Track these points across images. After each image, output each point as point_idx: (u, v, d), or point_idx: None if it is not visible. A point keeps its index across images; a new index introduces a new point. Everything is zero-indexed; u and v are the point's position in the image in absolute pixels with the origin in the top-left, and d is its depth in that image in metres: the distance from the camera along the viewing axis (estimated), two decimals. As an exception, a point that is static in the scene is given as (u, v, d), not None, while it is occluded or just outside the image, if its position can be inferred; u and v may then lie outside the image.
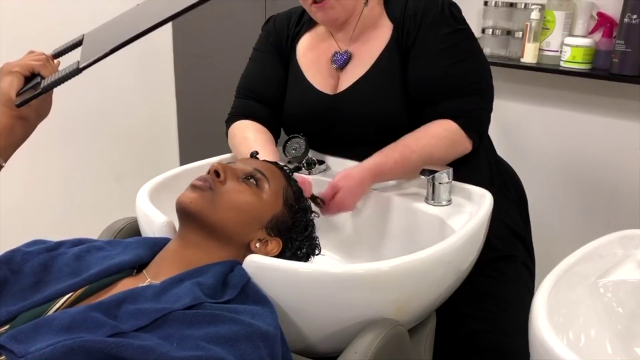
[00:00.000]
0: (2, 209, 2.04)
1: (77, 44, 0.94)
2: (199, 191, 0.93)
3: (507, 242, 1.35)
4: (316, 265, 0.99)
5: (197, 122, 2.74)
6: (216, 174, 0.95)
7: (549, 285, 0.91)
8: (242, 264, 0.93)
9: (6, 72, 0.84)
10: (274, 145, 1.36)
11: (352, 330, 0.93)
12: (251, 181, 0.98)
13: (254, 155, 1.09)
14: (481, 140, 1.28)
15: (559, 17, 1.83)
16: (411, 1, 1.28)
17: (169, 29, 2.67)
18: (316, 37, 1.39)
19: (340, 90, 1.31)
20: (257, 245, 0.95)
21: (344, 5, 1.27)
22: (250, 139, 1.32)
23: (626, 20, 1.68)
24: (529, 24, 1.85)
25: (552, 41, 1.86)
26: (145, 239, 1.01)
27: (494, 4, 1.97)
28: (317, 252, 1.06)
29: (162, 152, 2.81)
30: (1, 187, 1.95)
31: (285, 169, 1.07)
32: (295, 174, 1.10)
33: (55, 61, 0.91)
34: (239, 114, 1.40)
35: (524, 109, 2.05)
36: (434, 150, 1.22)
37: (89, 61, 0.78)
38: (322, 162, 1.36)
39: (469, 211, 1.18)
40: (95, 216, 1.74)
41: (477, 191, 1.22)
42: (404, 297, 0.97)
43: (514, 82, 2.04)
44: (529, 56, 1.88)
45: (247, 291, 0.88)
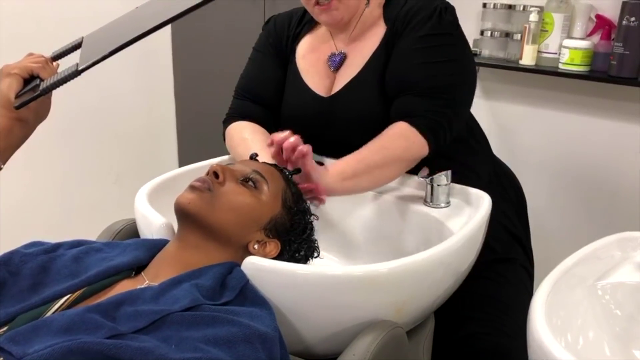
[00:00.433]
0: (1, 210, 2.04)
1: (76, 46, 0.94)
2: (198, 192, 0.93)
3: (505, 244, 1.35)
4: (315, 267, 0.98)
5: (196, 123, 2.74)
6: (215, 175, 0.95)
7: (548, 287, 0.91)
8: (240, 265, 0.93)
9: (5, 74, 0.84)
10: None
11: (350, 332, 0.93)
12: (250, 183, 0.97)
13: (253, 157, 1.09)
14: (438, 145, 1.20)
15: (557, 19, 1.83)
16: (408, 3, 1.27)
17: (168, 30, 2.67)
18: (316, 38, 1.38)
19: (334, 92, 1.31)
20: (256, 246, 0.95)
21: (347, 5, 1.25)
22: (248, 139, 1.31)
23: (624, 22, 1.69)
24: (527, 26, 1.85)
25: (551, 43, 1.86)
26: (143, 240, 1.01)
27: (492, 6, 1.97)
28: (315, 254, 1.06)
29: (161, 154, 2.80)
30: (0, 189, 1.94)
31: (284, 171, 1.07)
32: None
33: (54, 63, 0.91)
34: (236, 115, 1.40)
35: (522, 111, 2.05)
36: (386, 143, 1.17)
37: (88, 63, 0.78)
38: (321, 164, 1.36)
39: (468, 213, 1.18)
40: (93, 217, 1.74)
41: (475, 193, 1.22)
42: (402, 299, 0.97)
43: (513, 84, 2.04)
44: (528, 58, 1.88)
45: (246, 293, 0.88)
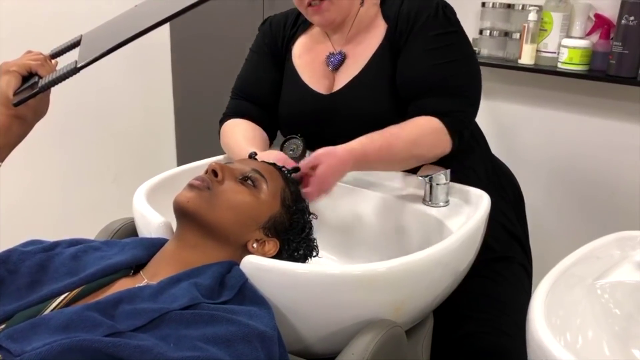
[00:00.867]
0: (0, 209, 2.04)
1: (75, 44, 0.94)
2: (197, 191, 0.93)
3: (504, 243, 1.35)
4: (313, 266, 0.98)
5: (195, 123, 2.73)
6: (214, 173, 0.95)
7: (547, 286, 0.90)
8: (239, 264, 0.93)
9: (4, 72, 0.84)
10: (263, 137, 1.36)
11: (349, 331, 0.93)
12: (249, 182, 0.97)
13: (252, 155, 1.09)
14: (461, 143, 1.24)
15: (556, 18, 1.83)
16: (406, 2, 1.28)
17: (167, 29, 2.67)
18: (312, 39, 1.39)
19: (334, 90, 1.31)
20: (255, 245, 0.95)
21: (339, 6, 1.26)
22: (237, 132, 1.33)
23: (623, 21, 1.69)
24: (526, 25, 1.86)
25: (550, 42, 1.86)
26: (142, 239, 1.01)
27: (491, 5, 1.97)
28: (314, 254, 1.06)
29: (160, 153, 2.80)
30: (-2, 187, 1.94)
31: (283, 170, 1.07)
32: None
33: (53, 61, 0.91)
34: (232, 114, 1.40)
35: (521, 110, 2.05)
36: (418, 139, 1.18)
37: (87, 61, 0.78)
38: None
39: (467, 212, 1.18)
40: (92, 216, 1.74)
41: (474, 192, 1.22)
42: (401, 298, 0.97)
43: (512, 83, 2.04)
44: (527, 57, 1.88)
45: (245, 292, 0.88)
